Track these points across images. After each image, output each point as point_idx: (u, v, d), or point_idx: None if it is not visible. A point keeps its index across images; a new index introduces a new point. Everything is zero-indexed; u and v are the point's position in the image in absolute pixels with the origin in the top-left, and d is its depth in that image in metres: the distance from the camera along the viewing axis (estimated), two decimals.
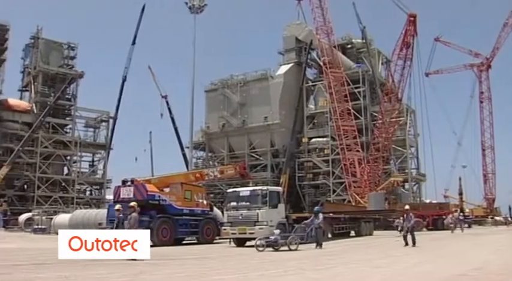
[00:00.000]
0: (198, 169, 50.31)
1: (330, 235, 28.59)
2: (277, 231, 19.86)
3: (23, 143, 59.47)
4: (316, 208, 22.72)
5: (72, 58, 73.38)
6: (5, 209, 55.39)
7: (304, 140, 67.36)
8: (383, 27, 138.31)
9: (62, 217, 42.34)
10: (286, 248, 18.69)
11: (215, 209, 30.58)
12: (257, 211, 21.98)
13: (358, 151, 57.40)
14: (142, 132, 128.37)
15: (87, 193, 73.44)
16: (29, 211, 52.51)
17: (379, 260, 15.24)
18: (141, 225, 22.76)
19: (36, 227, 44.70)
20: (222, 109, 69.89)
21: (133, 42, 73.69)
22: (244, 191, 23.51)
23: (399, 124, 60.39)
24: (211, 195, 54.16)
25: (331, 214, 31.98)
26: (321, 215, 21.20)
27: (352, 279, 11.11)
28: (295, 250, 18.51)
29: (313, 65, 73.68)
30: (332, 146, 63.71)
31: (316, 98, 70.00)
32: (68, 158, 70.18)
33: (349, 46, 72.27)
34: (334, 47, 60.29)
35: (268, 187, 24.45)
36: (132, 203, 16.45)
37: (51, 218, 44.27)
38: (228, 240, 24.05)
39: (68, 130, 71.41)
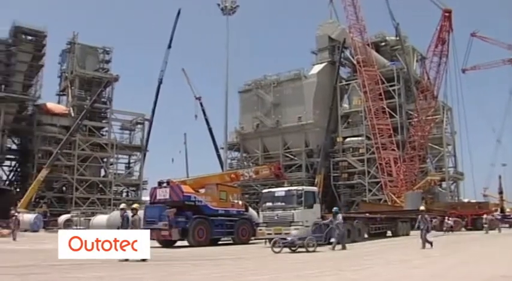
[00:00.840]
0: (233, 170, 50.44)
1: (366, 235, 28.39)
2: (294, 232, 19.53)
3: (61, 146, 60.60)
4: (334, 208, 22.13)
5: (107, 62, 74.46)
6: (45, 210, 56.59)
7: (339, 139, 66.89)
8: (417, 24, 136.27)
9: (100, 218, 43.08)
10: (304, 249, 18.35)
11: (250, 209, 30.60)
12: (292, 211, 21.87)
13: (393, 149, 56.73)
14: (177, 134, 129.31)
15: (124, 194, 74.35)
16: (68, 212, 53.57)
17: (417, 261, 15.03)
18: (177, 225, 23.16)
19: (74, 228, 45.53)
20: (256, 110, 69.96)
21: (169, 46, 74.25)
22: (280, 191, 23.43)
23: (435, 122, 59.42)
24: (246, 195, 54.25)
25: (367, 214, 31.76)
26: (339, 216, 20.89)
27: (391, 280, 10.99)
28: (313, 251, 18.18)
29: (346, 64, 73.15)
30: (367, 146, 63.07)
31: (350, 97, 69.44)
32: (105, 160, 71.21)
33: (383, 44, 71.48)
34: (368, 45, 59.72)
35: (304, 187, 24.31)
36: (135, 205, 16.60)
37: (89, 219, 45.09)
38: (264, 240, 24.03)
39: (104, 133, 72.51)
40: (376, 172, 60.16)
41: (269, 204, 23.14)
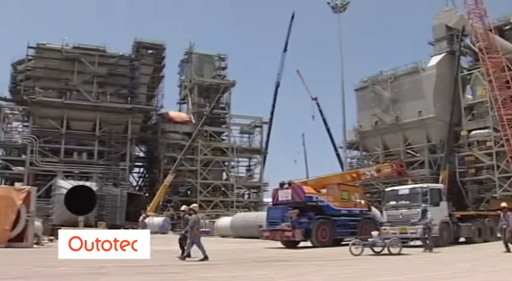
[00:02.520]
0: (354, 169, 49.77)
1: (499, 234, 26.77)
2: (375, 233, 18.37)
3: (185, 152, 63.39)
4: (423, 206, 20.63)
5: (223, 68, 76.85)
6: (172, 213, 59.40)
7: (463, 133, 63.57)
8: None
9: (224, 220, 44.41)
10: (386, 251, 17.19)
11: (373, 208, 30.00)
12: (418, 209, 21.17)
13: None
14: (296, 135, 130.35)
15: (246, 196, 76.04)
16: None
17: None
18: (300, 226, 23.23)
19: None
20: (374, 107, 68.50)
21: (285, 50, 74.74)
22: (404, 189, 22.85)
23: None
24: (368, 194, 53.22)
25: (498, 212, 29.91)
26: (429, 214, 19.56)
27: None
28: (398, 254, 16.97)
29: (467, 53, 69.30)
30: (495, 138, 59.33)
31: (473, 87, 65.73)
32: (226, 163, 73.47)
33: (508, 27, 66.74)
34: (490, 30, 56.28)
35: (429, 185, 23.53)
36: (192, 205, 16.66)
37: (214, 222, 46.65)
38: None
39: (224, 137, 74.83)
40: (506, 166, 56.49)
41: (393, 203, 22.63)
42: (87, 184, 40.47)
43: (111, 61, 64.32)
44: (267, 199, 55.74)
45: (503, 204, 20.32)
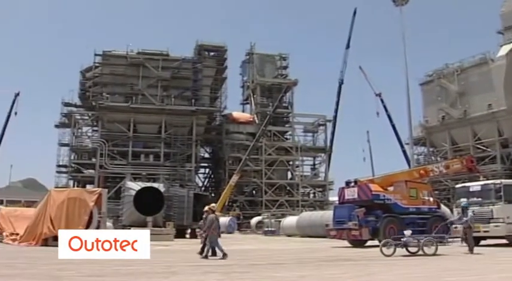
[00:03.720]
0: (421, 166, 48.53)
1: None
2: (408, 232, 17.02)
3: (249, 152, 63.86)
4: (463, 203, 19.40)
5: (285, 68, 76.98)
6: (238, 213, 60.08)
7: None
8: None
9: (290, 220, 44.36)
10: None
11: (442, 206, 29.09)
12: (491, 207, 20.47)
13: None
14: (361, 132, 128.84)
15: (311, 195, 75.81)
16: (259, 215, 56.14)
17: None
18: (367, 225, 22.83)
19: (266, 229, 47.63)
20: (440, 101, 66.65)
21: (348, 46, 74.27)
22: (475, 186, 22.04)
23: None
24: (436, 192, 51.74)
25: None
26: (470, 212, 18.47)
27: None
28: (434, 254, 15.97)
29: None
30: None
31: None
32: (290, 163, 73.48)
33: None
34: None
35: (502, 181, 22.54)
36: (211, 205, 16.49)
37: (280, 221, 46.70)
38: (460, 239, 22.64)
39: (288, 136, 74.92)
40: None
41: (463, 200, 21.86)
42: (155, 185, 41.27)
43: (174, 65, 65.65)
44: (333, 198, 55.31)
45: None
